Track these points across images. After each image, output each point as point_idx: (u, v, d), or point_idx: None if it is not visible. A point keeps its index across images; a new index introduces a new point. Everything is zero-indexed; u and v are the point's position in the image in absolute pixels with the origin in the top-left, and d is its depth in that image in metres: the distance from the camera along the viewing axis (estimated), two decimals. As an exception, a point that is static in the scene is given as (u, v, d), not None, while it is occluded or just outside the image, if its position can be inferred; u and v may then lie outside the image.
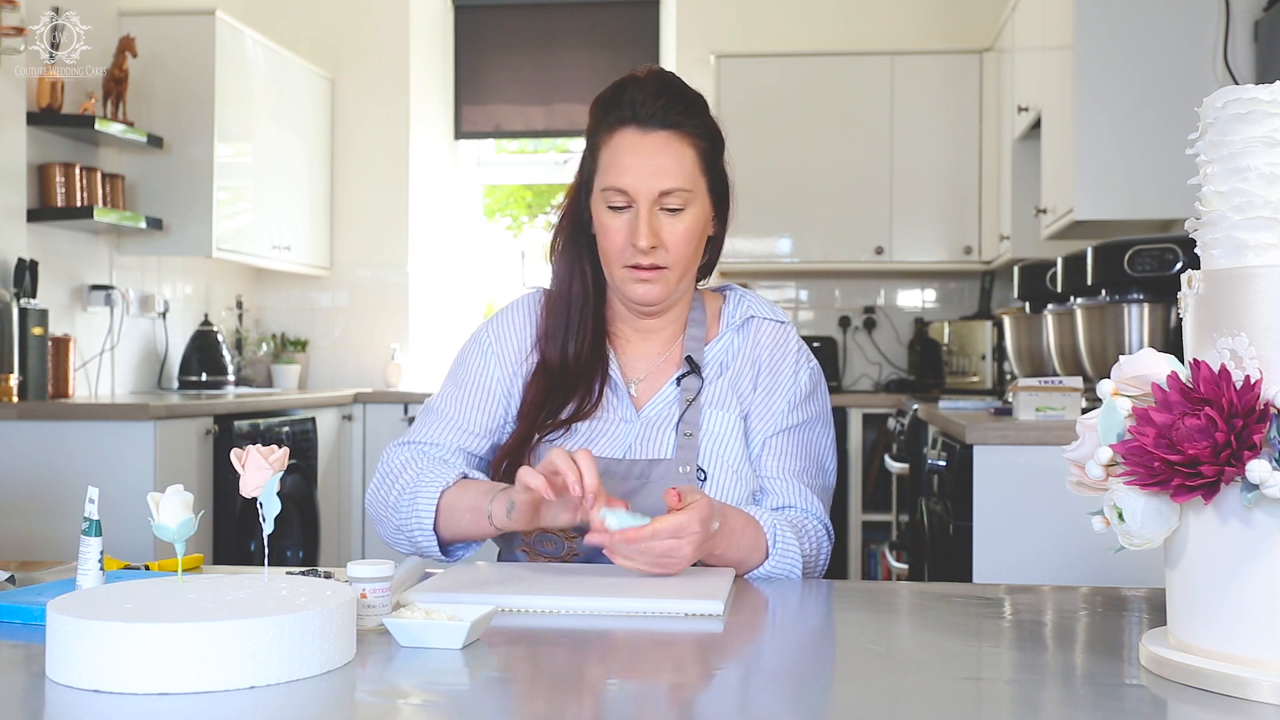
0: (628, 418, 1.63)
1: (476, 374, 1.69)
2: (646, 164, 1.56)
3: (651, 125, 1.57)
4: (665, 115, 1.57)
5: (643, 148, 1.57)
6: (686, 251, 1.60)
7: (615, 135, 1.59)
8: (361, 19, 5.69)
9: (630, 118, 1.58)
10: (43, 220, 4.05)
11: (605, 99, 1.61)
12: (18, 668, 1.06)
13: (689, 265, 1.62)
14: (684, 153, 1.58)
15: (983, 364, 5.14)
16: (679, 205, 1.58)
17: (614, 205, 1.58)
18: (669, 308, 1.67)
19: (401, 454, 1.65)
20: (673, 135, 1.57)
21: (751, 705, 0.97)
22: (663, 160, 1.56)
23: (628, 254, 1.58)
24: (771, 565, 1.51)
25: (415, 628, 1.08)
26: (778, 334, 1.68)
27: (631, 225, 1.57)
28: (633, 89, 1.59)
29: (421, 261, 5.80)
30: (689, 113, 1.59)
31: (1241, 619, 0.94)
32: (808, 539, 1.56)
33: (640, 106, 1.57)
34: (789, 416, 1.64)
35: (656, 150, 1.57)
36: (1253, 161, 0.98)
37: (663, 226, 1.57)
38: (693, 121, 1.59)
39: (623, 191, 1.57)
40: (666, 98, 1.58)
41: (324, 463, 4.82)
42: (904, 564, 3.58)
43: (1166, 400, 0.95)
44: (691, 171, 1.58)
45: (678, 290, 1.64)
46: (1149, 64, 3.47)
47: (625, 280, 1.60)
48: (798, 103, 5.29)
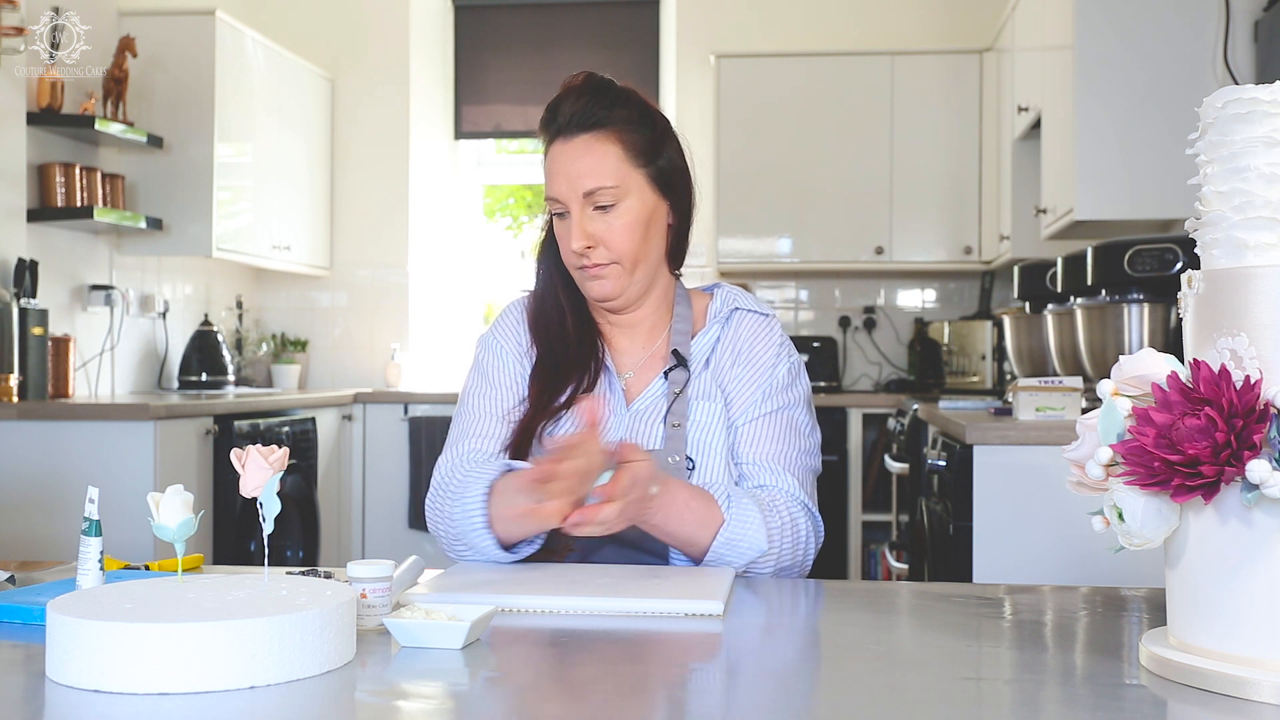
0: (618, 411, 1.67)
1: (497, 367, 1.73)
2: (568, 169, 1.62)
3: (572, 131, 1.63)
4: (584, 118, 1.62)
5: (565, 155, 1.63)
6: (629, 245, 1.64)
7: (550, 149, 1.66)
8: (361, 19, 5.69)
9: (557, 130, 1.64)
10: (43, 220, 4.05)
11: (543, 117, 1.67)
12: (18, 668, 1.06)
13: (639, 256, 1.65)
14: (606, 150, 1.62)
15: (983, 364, 5.14)
16: (609, 201, 1.62)
17: (556, 213, 1.66)
18: (638, 301, 1.71)
19: (446, 464, 1.66)
20: (593, 136, 1.63)
21: (751, 705, 0.97)
22: (583, 163, 1.62)
23: (572, 258, 1.66)
24: (728, 533, 1.51)
25: (415, 628, 1.08)
26: (759, 325, 1.72)
27: (569, 229, 1.64)
28: (563, 101, 1.65)
29: (421, 261, 5.80)
30: (611, 109, 1.63)
31: (1241, 619, 0.94)
32: (775, 514, 1.56)
33: (563, 116, 1.63)
34: (764, 404, 1.67)
35: (577, 155, 1.62)
36: (1253, 161, 0.98)
37: (598, 226, 1.63)
38: (614, 116, 1.63)
39: (556, 199, 1.64)
40: (586, 99, 1.63)
41: (324, 463, 4.82)
42: (904, 564, 3.58)
43: (1166, 400, 0.95)
44: (616, 167, 1.62)
45: (637, 282, 1.68)
46: (1149, 64, 3.47)
47: (581, 280, 1.68)
48: (798, 103, 5.28)
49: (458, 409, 1.74)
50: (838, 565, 4.88)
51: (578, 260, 1.64)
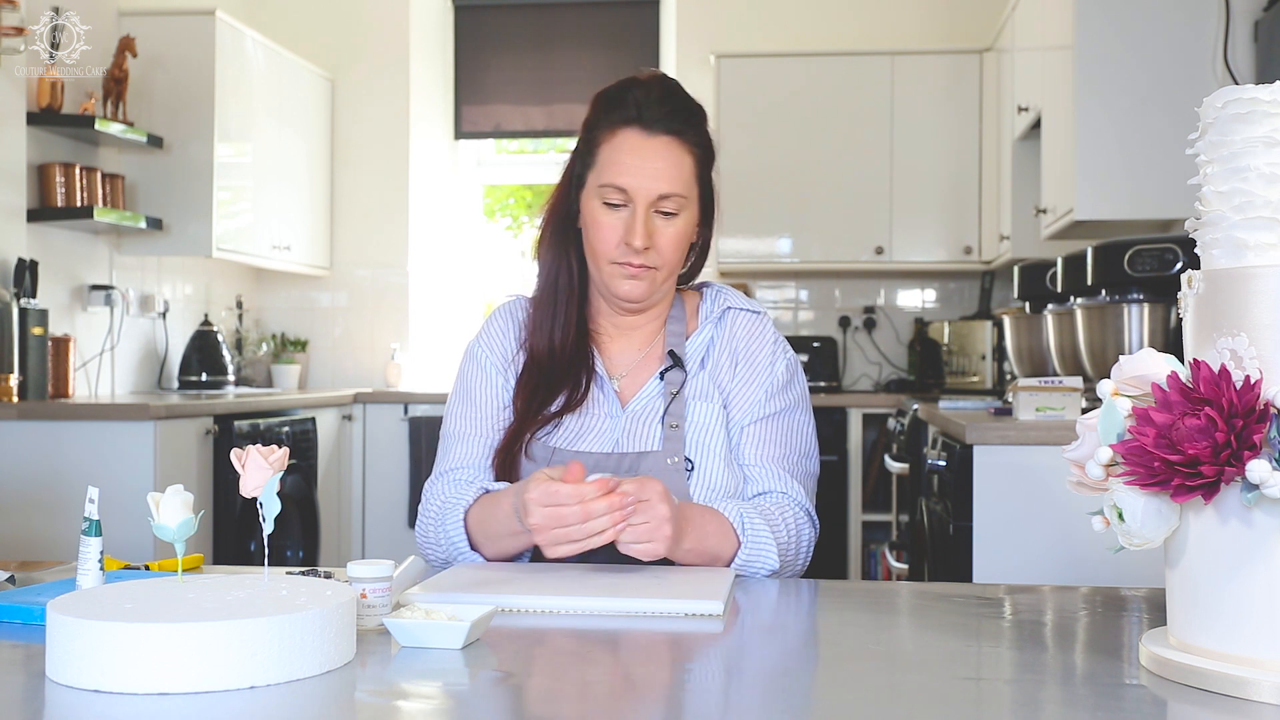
0: (613, 413, 1.66)
1: (480, 385, 1.72)
2: (648, 166, 1.59)
3: (656, 129, 1.60)
4: (669, 121, 1.60)
5: (646, 150, 1.59)
6: (675, 255, 1.64)
7: (618, 134, 1.61)
8: (361, 19, 5.69)
9: (635, 118, 1.60)
10: (43, 220, 4.05)
11: (610, 96, 1.64)
12: (18, 668, 1.06)
13: (674, 268, 1.66)
14: (683, 160, 1.61)
15: (983, 364, 5.14)
16: (674, 210, 1.61)
17: (610, 202, 1.61)
18: (650, 306, 1.71)
19: (433, 489, 1.68)
20: (674, 141, 1.61)
21: (750, 705, 0.97)
22: (663, 164, 1.59)
23: (619, 251, 1.61)
24: (745, 556, 1.52)
25: (415, 628, 1.08)
26: (753, 324, 1.71)
27: (627, 224, 1.60)
28: (638, 90, 1.61)
29: (421, 261, 5.80)
30: (690, 122, 1.63)
31: (1241, 619, 0.94)
32: (784, 526, 1.57)
33: (645, 109, 1.60)
34: (766, 405, 1.67)
35: (659, 154, 1.59)
36: (1253, 161, 0.98)
37: (656, 229, 1.61)
38: (693, 131, 1.63)
39: (622, 190, 1.59)
40: (672, 104, 1.61)
41: (324, 463, 4.82)
42: (904, 564, 3.58)
43: (1166, 400, 0.95)
44: (688, 179, 1.62)
45: (660, 290, 1.68)
46: (1149, 64, 3.47)
47: (613, 276, 1.63)
48: (798, 103, 5.28)
49: (442, 426, 1.74)
50: (838, 565, 4.87)
51: (624, 255, 1.60)
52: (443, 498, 1.63)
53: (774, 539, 1.54)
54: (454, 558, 1.58)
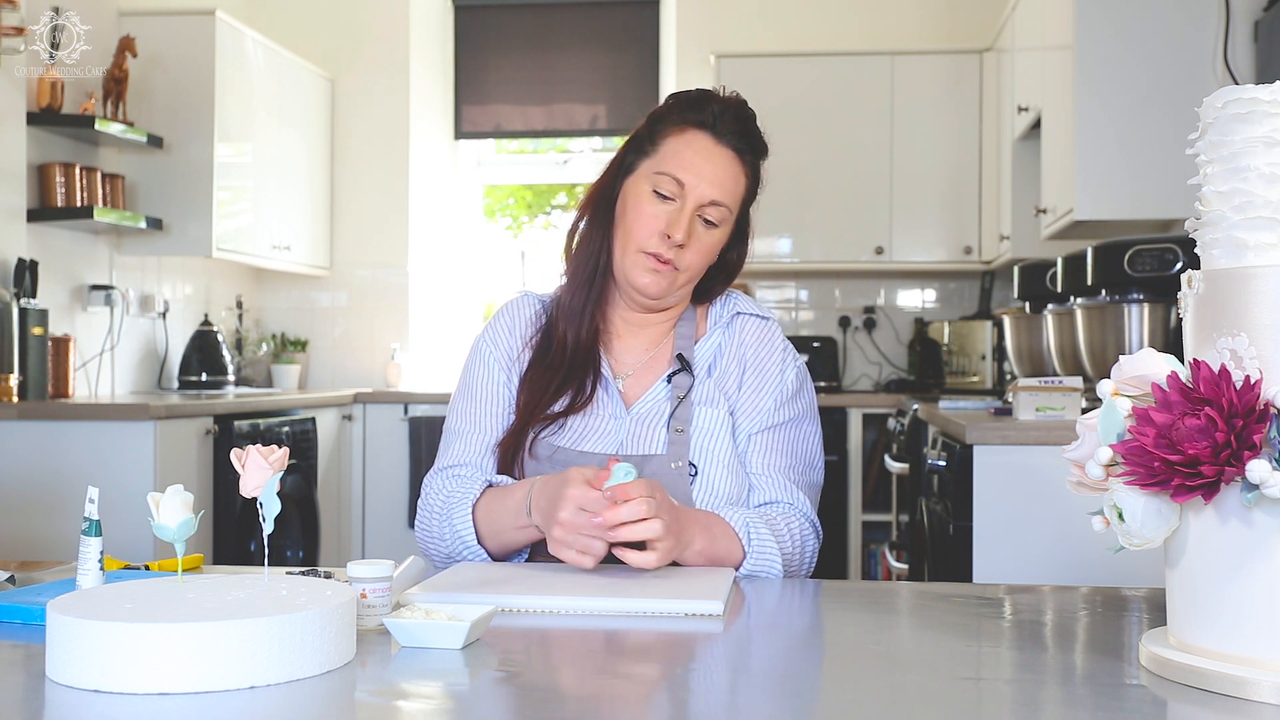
0: (618, 414, 1.66)
1: (484, 382, 1.72)
2: (710, 170, 1.63)
3: (725, 141, 1.65)
4: (738, 139, 1.66)
5: (711, 154, 1.64)
6: (701, 263, 1.66)
7: (689, 132, 1.65)
8: (361, 19, 5.69)
9: (709, 124, 1.66)
10: (43, 220, 4.05)
11: (689, 97, 1.69)
12: (18, 668, 1.06)
13: (695, 275, 1.68)
14: (739, 178, 1.67)
15: (983, 364, 5.14)
16: (716, 220, 1.65)
17: (661, 191, 1.63)
18: (664, 308, 1.71)
19: (434, 483, 1.68)
20: (737, 157, 1.66)
21: (751, 705, 0.97)
22: (723, 173, 1.64)
23: (653, 241, 1.63)
24: (750, 565, 1.53)
25: (415, 628, 1.08)
26: (762, 330, 1.72)
27: (671, 216, 1.62)
28: (716, 103, 1.68)
29: (421, 261, 5.80)
30: (754, 149, 1.69)
31: (1241, 619, 0.94)
32: (789, 536, 1.57)
33: (721, 120, 1.66)
34: (776, 414, 1.67)
35: (721, 163, 1.65)
36: (1253, 161, 0.98)
37: (694, 232, 1.64)
38: (753, 156, 1.69)
39: (678, 183, 1.63)
40: (744, 125, 1.67)
41: (324, 463, 4.82)
42: (904, 564, 3.58)
43: (1166, 400, 0.95)
44: (737, 196, 1.67)
45: (678, 294, 1.69)
46: (1149, 64, 3.47)
47: (637, 264, 1.64)
48: (798, 103, 5.28)
49: (445, 420, 1.75)
50: (838, 565, 4.87)
51: (656, 245, 1.62)
52: (446, 492, 1.63)
53: (779, 547, 1.54)
54: (458, 552, 1.58)
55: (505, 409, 1.69)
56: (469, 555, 1.58)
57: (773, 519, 1.57)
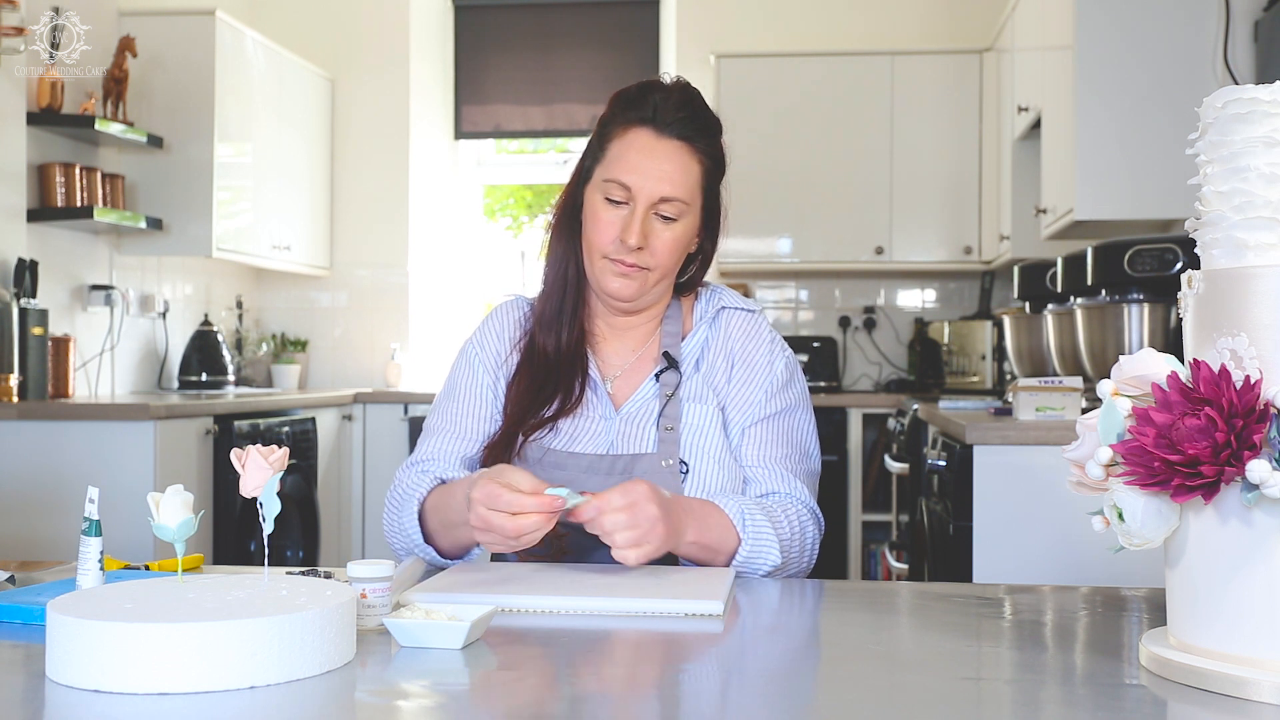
0: (607, 415, 1.66)
1: (466, 382, 1.72)
2: (654, 167, 1.60)
3: (668, 133, 1.61)
4: (682, 127, 1.61)
5: (654, 151, 1.60)
6: (669, 260, 1.64)
7: (630, 132, 1.62)
8: (361, 19, 5.69)
9: (649, 119, 1.61)
10: (43, 220, 4.05)
11: (629, 95, 1.65)
12: (18, 668, 1.06)
13: (668, 272, 1.66)
14: (690, 167, 1.62)
15: (983, 364, 5.14)
16: (673, 215, 1.61)
17: (611, 198, 1.61)
18: (642, 308, 1.70)
19: (399, 477, 1.69)
20: (684, 147, 1.62)
21: (750, 705, 0.97)
22: (669, 168, 1.60)
23: (613, 247, 1.61)
24: (746, 552, 1.51)
25: (415, 628, 1.08)
26: (749, 324, 1.71)
27: (625, 222, 1.60)
28: (657, 93, 1.63)
29: (421, 261, 5.80)
30: (703, 131, 1.64)
31: (1241, 619, 0.94)
32: (786, 524, 1.56)
33: (661, 112, 1.61)
34: (768, 405, 1.66)
35: (666, 157, 1.60)
36: (1253, 161, 0.98)
37: (653, 231, 1.61)
38: (704, 140, 1.64)
39: (625, 187, 1.60)
40: (688, 111, 1.63)
41: (324, 463, 4.82)
42: (904, 564, 3.58)
43: (1166, 400, 0.95)
44: (692, 186, 1.62)
45: (652, 293, 1.67)
46: (1149, 64, 3.47)
47: (604, 271, 1.63)
48: (798, 103, 5.29)
49: (429, 417, 1.76)
50: (838, 565, 4.87)
51: (616, 252, 1.61)
52: (404, 487, 1.64)
53: (775, 534, 1.53)
54: (410, 548, 1.60)
55: (486, 411, 1.70)
56: (419, 551, 1.59)
57: (769, 506, 1.57)
